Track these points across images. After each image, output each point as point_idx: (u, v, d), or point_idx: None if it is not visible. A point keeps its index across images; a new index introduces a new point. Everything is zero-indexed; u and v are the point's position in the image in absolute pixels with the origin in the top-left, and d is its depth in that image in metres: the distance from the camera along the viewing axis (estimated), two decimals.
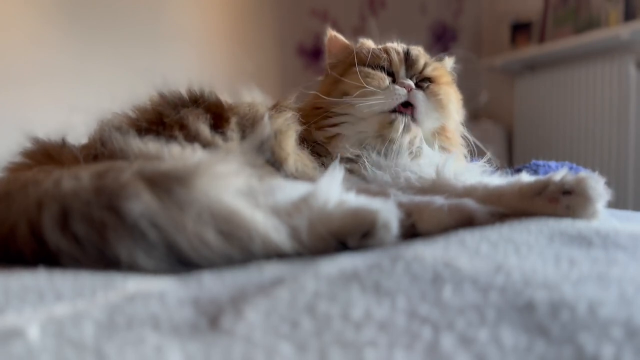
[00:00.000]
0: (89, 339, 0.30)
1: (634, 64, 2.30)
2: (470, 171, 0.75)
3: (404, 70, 0.87)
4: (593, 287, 0.36)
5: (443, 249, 0.46)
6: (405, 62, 0.87)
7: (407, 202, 0.60)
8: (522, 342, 0.29)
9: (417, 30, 3.09)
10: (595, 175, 0.60)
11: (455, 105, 0.88)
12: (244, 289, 0.38)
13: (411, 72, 0.87)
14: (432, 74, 0.88)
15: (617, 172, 2.34)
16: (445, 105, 0.85)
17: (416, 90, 0.83)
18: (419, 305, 0.34)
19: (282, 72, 2.79)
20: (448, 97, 0.86)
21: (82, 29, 2.39)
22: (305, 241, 0.49)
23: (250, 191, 0.50)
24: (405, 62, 0.87)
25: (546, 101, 2.71)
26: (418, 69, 0.87)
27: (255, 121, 0.69)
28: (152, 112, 0.68)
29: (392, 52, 0.87)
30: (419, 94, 0.83)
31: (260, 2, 2.80)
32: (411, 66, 0.87)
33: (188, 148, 0.59)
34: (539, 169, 1.01)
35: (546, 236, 0.51)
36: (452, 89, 0.91)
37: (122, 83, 1.35)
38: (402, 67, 0.87)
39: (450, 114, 0.86)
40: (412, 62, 0.87)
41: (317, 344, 0.30)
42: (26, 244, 0.47)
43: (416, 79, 0.86)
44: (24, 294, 0.38)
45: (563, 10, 2.61)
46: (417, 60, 0.88)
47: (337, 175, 0.58)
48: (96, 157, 0.58)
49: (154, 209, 0.44)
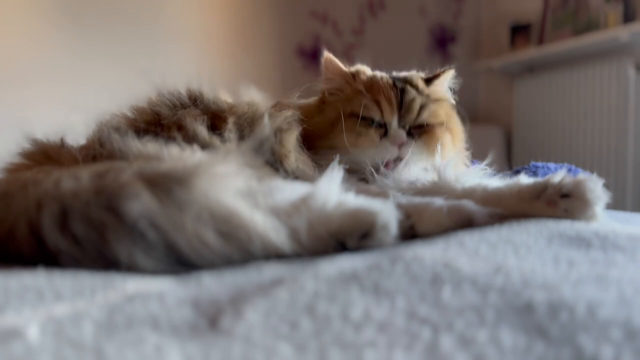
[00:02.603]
0: (88, 338, 0.30)
1: (632, 66, 2.31)
2: (471, 174, 0.75)
3: (397, 120, 0.82)
4: (592, 288, 0.36)
5: (442, 250, 0.46)
6: (399, 110, 0.82)
7: (406, 203, 0.60)
8: (521, 342, 0.29)
9: (417, 32, 3.10)
10: (593, 178, 0.60)
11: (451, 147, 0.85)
12: (244, 290, 0.38)
13: (404, 120, 0.83)
14: (427, 120, 0.84)
15: (616, 174, 2.34)
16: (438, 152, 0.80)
17: (407, 144, 0.80)
18: (418, 306, 0.34)
19: (282, 72, 2.79)
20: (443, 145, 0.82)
21: (82, 29, 2.39)
22: (304, 242, 0.49)
23: (249, 192, 0.50)
24: (399, 110, 0.82)
25: (545, 103, 2.71)
26: (412, 117, 0.83)
27: (254, 121, 0.69)
28: (150, 112, 0.68)
29: (383, 102, 0.82)
30: (409, 148, 0.80)
31: (260, 3, 2.80)
32: (405, 115, 0.82)
33: (187, 149, 0.59)
34: (538, 170, 1.01)
35: (545, 237, 0.51)
36: (450, 125, 0.86)
37: (122, 83, 1.35)
38: (394, 117, 0.82)
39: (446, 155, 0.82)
40: (405, 109, 0.82)
41: (317, 345, 0.30)
42: (26, 244, 0.47)
43: (410, 126, 0.83)
44: (24, 294, 0.38)
45: (562, 12, 2.62)
46: (410, 108, 0.83)
47: (336, 175, 0.58)
48: (95, 158, 0.58)
49: (154, 209, 0.44)
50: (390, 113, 0.82)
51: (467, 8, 3.23)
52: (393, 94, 0.83)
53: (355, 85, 0.85)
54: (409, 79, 0.87)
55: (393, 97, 0.82)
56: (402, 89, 0.84)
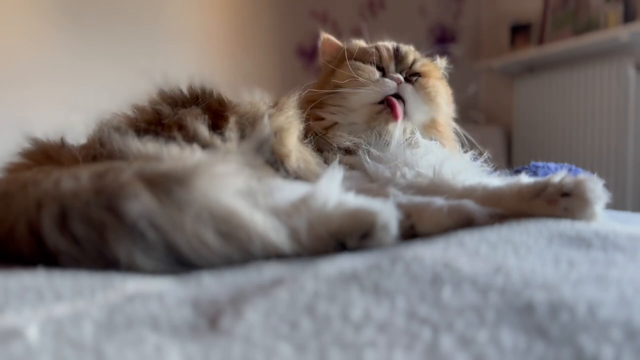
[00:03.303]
0: (88, 339, 0.30)
1: (633, 66, 2.30)
2: (469, 170, 0.75)
3: (394, 65, 0.89)
4: (592, 288, 0.36)
5: (442, 249, 0.46)
6: (395, 58, 0.90)
7: (406, 203, 0.60)
8: (521, 343, 0.29)
9: (417, 31, 3.10)
10: (594, 177, 0.60)
11: (445, 99, 0.91)
12: (243, 290, 0.38)
13: (400, 67, 0.90)
14: (421, 69, 0.90)
15: (616, 174, 2.34)
16: (434, 98, 0.87)
17: (405, 84, 0.86)
18: (418, 306, 0.34)
19: (282, 72, 2.79)
20: (437, 90, 0.88)
21: (82, 29, 2.39)
22: (304, 242, 0.49)
23: (249, 191, 0.50)
24: (395, 58, 0.90)
25: (545, 103, 2.71)
26: (407, 64, 0.90)
27: (255, 120, 0.69)
28: (151, 112, 0.68)
29: (382, 49, 0.90)
30: (407, 87, 0.85)
31: (260, 3, 2.80)
32: (400, 62, 0.90)
33: (187, 148, 0.59)
34: (538, 170, 1.01)
35: (545, 237, 0.51)
36: (442, 83, 0.93)
37: (122, 83, 1.35)
38: (391, 62, 0.89)
39: (440, 107, 0.88)
40: (401, 57, 0.90)
41: (317, 345, 0.30)
42: (25, 244, 0.47)
43: (405, 73, 0.89)
44: (23, 294, 0.37)
45: (562, 11, 2.62)
46: (406, 56, 0.91)
47: (336, 175, 0.58)
48: (95, 158, 0.58)
49: (153, 209, 0.44)
50: (387, 58, 0.89)
51: (467, 8, 3.23)
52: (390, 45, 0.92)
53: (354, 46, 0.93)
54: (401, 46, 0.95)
55: (391, 48, 0.91)
56: (396, 47, 0.93)
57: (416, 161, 0.75)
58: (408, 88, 0.85)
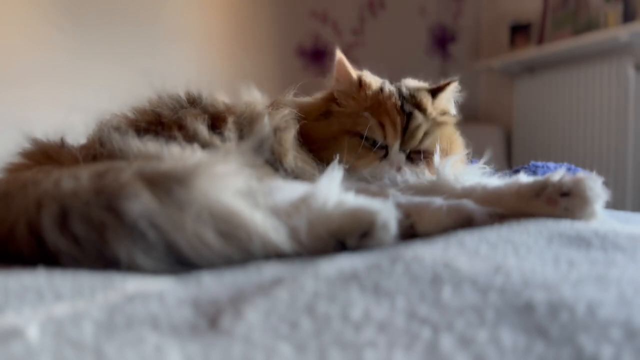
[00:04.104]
0: (88, 338, 0.30)
1: (632, 66, 2.30)
2: (470, 172, 0.75)
3: (398, 145, 0.81)
4: (592, 288, 0.36)
5: (442, 249, 0.46)
6: (402, 135, 0.81)
7: (406, 203, 0.60)
8: (521, 342, 0.29)
9: (417, 31, 3.10)
10: (593, 176, 0.60)
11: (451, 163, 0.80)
12: (244, 289, 0.38)
13: (406, 146, 0.81)
14: (428, 147, 0.82)
15: (616, 173, 2.34)
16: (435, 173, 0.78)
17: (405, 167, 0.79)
18: (418, 306, 0.34)
19: (282, 73, 2.79)
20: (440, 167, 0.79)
21: (82, 29, 2.39)
22: (304, 241, 0.49)
23: (249, 191, 0.50)
24: (402, 135, 0.81)
25: (545, 102, 2.71)
26: (414, 143, 0.82)
27: (252, 119, 0.69)
28: (151, 112, 0.68)
29: (388, 126, 0.80)
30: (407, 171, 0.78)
31: (260, 3, 2.80)
32: (407, 140, 0.81)
33: (187, 148, 0.59)
34: (537, 170, 1.01)
35: (545, 237, 0.51)
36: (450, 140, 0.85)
37: (122, 83, 1.35)
38: (396, 142, 0.81)
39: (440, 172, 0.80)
40: (409, 136, 0.81)
41: (317, 345, 0.30)
42: (25, 244, 0.47)
43: (411, 150, 0.82)
44: (24, 294, 0.38)
45: (562, 11, 2.62)
46: (414, 135, 0.81)
47: (336, 175, 0.58)
48: (95, 157, 0.58)
49: (154, 209, 0.44)
50: (393, 138, 0.81)
51: (467, 8, 3.22)
52: (399, 119, 0.81)
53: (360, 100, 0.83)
54: (417, 99, 0.85)
55: (399, 122, 0.81)
56: (409, 113, 0.82)
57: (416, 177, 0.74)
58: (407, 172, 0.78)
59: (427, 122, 0.83)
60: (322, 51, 2.90)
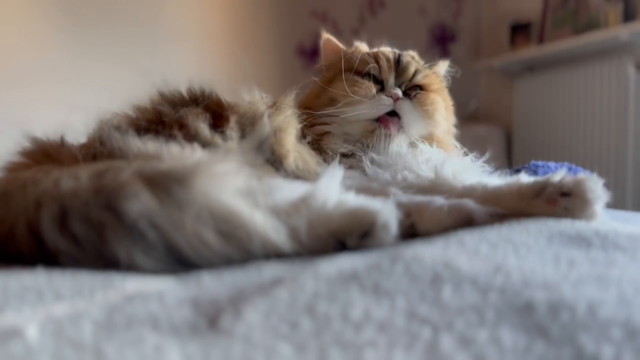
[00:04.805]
0: (88, 338, 0.30)
1: (633, 65, 2.30)
2: (469, 170, 0.75)
3: (393, 78, 0.87)
4: (592, 287, 0.36)
5: (442, 249, 0.46)
6: (395, 70, 0.87)
7: (406, 202, 0.60)
8: (521, 342, 0.29)
9: (417, 31, 3.10)
10: (593, 177, 0.60)
11: (444, 114, 0.89)
12: (243, 289, 0.38)
13: (400, 79, 0.87)
14: (422, 81, 0.88)
15: (616, 173, 2.34)
16: (432, 115, 0.85)
17: (403, 100, 0.84)
18: (418, 306, 0.34)
19: (282, 72, 2.79)
20: (435, 107, 0.86)
21: (82, 29, 2.39)
22: (304, 241, 0.49)
23: (249, 191, 0.50)
24: (395, 70, 0.87)
25: (545, 102, 2.71)
26: (408, 76, 0.87)
27: (255, 119, 0.69)
28: (152, 111, 0.68)
29: (382, 59, 0.87)
30: (405, 104, 0.84)
31: (260, 3, 2.80)
32: (401, 74, 0.87)
33: (187, 147, 0.59)
34: (538, 169, 1.01)
35: (545, 237, 0.51)
36: (442, 96, 0.90)
37: (122, 83, 1.35)
38: (391, 74, 0.87)
39: (438, 123, 0.86)
40: (402, 69, 0.87)
41: (317, 345, 0.30)
42: (25, 244, 0.47)
43: (405, 86, 0.87)
44: (23, 294, 0.37)
45: (562, 11, 2.62)
46: (407, 68, 0.88)
47: (336, 174, 0.58)
48: (95, 157, 0.58)
49: (153, 208, 0.44)
50: (387, 70, 0.86)
51: (467, 7, 3.22)
52: (391, 56, 0.88)
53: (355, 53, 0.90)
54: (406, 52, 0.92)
55: (392, 58, 0.88)
56: (399, 54, 0.90)
57: (417, 165, 0.74)
58: (405, 105, 0.84)
59: (417, 63, 0.91)
60: None
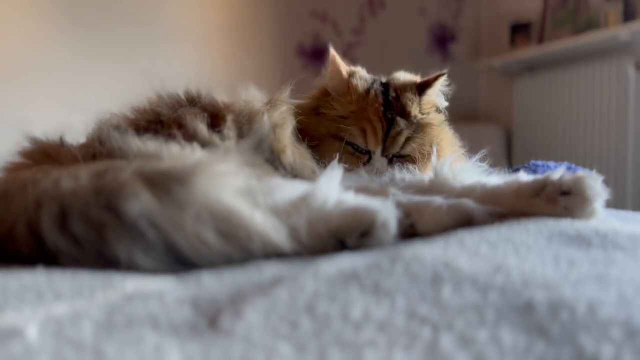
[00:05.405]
0: (88, 338, 0.30)
1: (632, 65, 2.30)
2: (468, 171, 0.75)
3: (380, 151, 0.83)
4: (592, 287, 0.36)
5: (442, 249, 0.46)
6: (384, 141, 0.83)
7: (406, 202, 0.60)
8: (521, 342, 0.29)
9: (417, 31, 3.09)
10: (592, 174, 0.60)
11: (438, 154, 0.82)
12: (243, 289, 0.38)
13: (388, 151, 0.83)
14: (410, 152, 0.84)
15: (616, 173, 2.34)
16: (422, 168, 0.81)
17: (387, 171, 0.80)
18: (418, 306, 0.34)
19: (282, 72, 2.79)
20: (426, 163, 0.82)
21: (82, 29, 2.39)
22: (304, 241, 0.49)
23: (249, 191, 0.50)
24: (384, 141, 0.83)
25: (545, 102, 2.71)
26: (396, 149, 0.83)
27: (251, 117, 0.69)
28: (151, 111, 0.68)
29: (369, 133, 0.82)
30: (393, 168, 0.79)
31: (260, 3, 2.80)
32: (389, 146, 0.83)
33: (187, 147, 0.59)
34: (537, 169, 1.01)
35: (545, 236, 0.51)
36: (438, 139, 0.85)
37: (122, 83, 1.35)
38: (378, 148, 0.83)
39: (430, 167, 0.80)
40: (390, 141, 0.83)
41: (317, 344, 0.30)
42: (25, 244, 0.47)
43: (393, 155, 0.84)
44: (23, 294, 0.37)
45: (562, 11, 2.62)
46: (395, 141, 0.83)
47: (335, 174, 0.58)
48: (95, 156, 0.58)
49: (153, 208, 0.44)
50: (374, 144, 0.83)
51: (467, 7, 3.22)
52: (380, 125, 0.83)
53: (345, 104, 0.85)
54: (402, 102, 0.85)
55: (379, 129, 0.83)
56: (391, 119, 0.83)
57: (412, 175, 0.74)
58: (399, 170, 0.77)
59: (409, 127, 0.84)
60: (322, 51, 2.89)
